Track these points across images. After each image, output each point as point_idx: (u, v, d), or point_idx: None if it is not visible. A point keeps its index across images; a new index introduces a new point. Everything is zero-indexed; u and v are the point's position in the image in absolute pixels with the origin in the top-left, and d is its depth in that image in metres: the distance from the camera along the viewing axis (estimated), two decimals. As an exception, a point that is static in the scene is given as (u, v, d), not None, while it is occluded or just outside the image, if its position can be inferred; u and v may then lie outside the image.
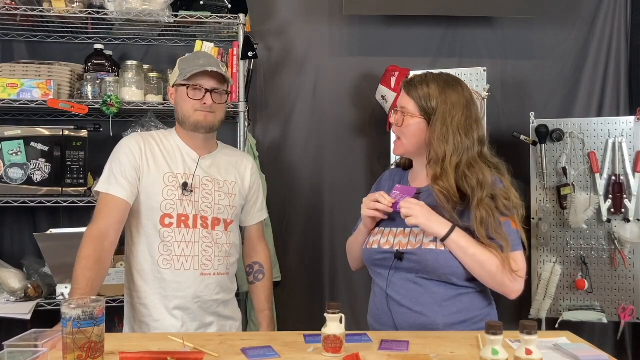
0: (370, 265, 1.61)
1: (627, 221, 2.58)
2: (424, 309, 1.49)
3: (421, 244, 1.49)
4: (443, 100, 1.52)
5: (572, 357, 1.27)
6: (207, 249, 1.74)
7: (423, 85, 1.54)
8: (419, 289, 1.50)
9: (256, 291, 1.96)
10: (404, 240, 1.52)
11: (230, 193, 1.82)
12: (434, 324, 1.48)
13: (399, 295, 1.51)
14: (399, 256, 1.50)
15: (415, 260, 1.49)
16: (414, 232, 1.52)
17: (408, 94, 1.56)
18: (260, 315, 1.95)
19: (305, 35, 2.91)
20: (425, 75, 1.58)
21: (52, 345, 1.20)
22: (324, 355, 1.26)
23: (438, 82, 1.55)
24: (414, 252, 1.49)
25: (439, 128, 1.50)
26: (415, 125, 1.54)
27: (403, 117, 1.55)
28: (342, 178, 2.89)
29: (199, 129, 1.77)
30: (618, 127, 2.61)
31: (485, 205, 1.45)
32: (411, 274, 1.50)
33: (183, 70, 1.74)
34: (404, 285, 1.51)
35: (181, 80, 1.74)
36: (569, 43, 2.97)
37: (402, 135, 1.57)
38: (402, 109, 1.56)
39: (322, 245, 2.89)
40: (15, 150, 2.32)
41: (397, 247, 1.52)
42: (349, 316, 1.33)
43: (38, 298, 2.32)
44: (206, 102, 1.73)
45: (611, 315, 2.61)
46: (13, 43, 2.71)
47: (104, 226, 1.64)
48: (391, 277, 1.53)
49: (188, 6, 2.52)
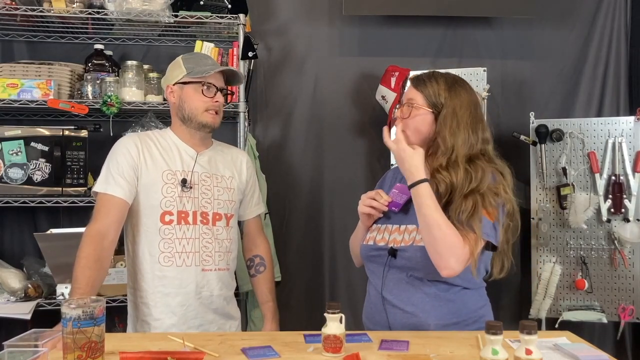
0: (366, 262, 1.62)
1: (627, 221, 2.58)
2: (415, 310, 1.48)
3: (413, 241, 1.49)
4: (452, 95, 1.52)
5: (572, 357, 1.27)
6: (208, 244, 1.75)
7: (432, 81, 1.55)
8: (411, 288, 1.50)
9: (258, 284, 1.97)
10: (398, 237, 1.53)
11: (229, 187, 1.84)
12: (425, 324, 1.47)
13: (392, 295, 1.51)
14: (393, 253, 1.51)
15: (406, 257, 1.49)
16: (409, 230, 1.52)
17: (416, 88, 1.56)
18: (264, 306, 1.95)
19: (305, 35, 2.91)
20: (433, 73, 1.59)
21: (52, 345, 1.20)
22: (324, 355, 1.26)
23: (446, 79, 1.56)
24: (406, 249, 1.49)
25: (449, 121, 1.50)
26: (422, 116, 1.53)
27: (410, 109, 1.55)
28: (342, 178, 2.89)
29: (204, 129, 1.80)
30: (618, 127, 2.61)
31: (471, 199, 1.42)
32: (403, 273, 1.50)
33: (192, 69, 1.76)
34: (397, 285, 1.51)
35: (192, 78, 1.76)
36: (569, 43, 2.97)
37: (407, 127, 1.55)
38: (410, 101, 1.55)
39: (322, 245, 2.89)
40: (15, 150, 2.32)
41: (391, 244, 1.53)
42: (349, 316, 1.33)
43: (38, 298, 2.32)
44: (218, 100, 1.78)
45: (611, 315, 2.61)
46: (13, 43, 2.71)
47: (103, 226, 1.64)
48: (386, 276, 1.53)
49: (188, 6, 2.52)
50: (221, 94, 1.80)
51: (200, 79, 1.76)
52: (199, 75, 1.75)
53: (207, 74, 1.75)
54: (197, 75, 1.75)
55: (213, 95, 1.77)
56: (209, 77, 1.77)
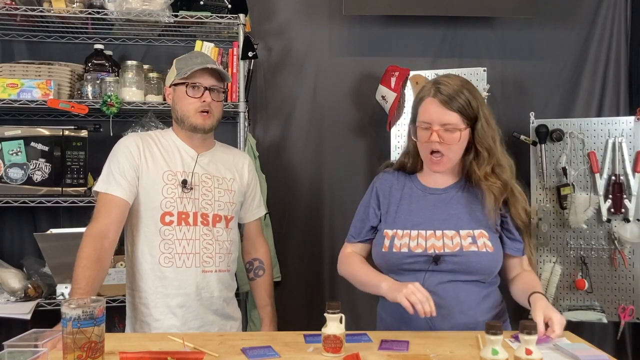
0: (396, 269, 1.54)
1: (627, 221, 2.58)
2: (464, 308, 1.49)
3: (460, 246, 1.49)
4: (476, 97, 1.52)
5: (572, 357, 1.27)
6: (208, 246, 1.75)
7: (458, 93, 1.48)
8: (456, 289, 1.49)
9: (257, 287, 1.96)
10: (437, 243, 1.50)
11: (230, 189, 1.83)
12: (475, 322, 1.48)
13: (437, 297, 1.44)
14: (436, 259, 1.48)
15: (456, 262, 1.48)
16: (447, 235, 1.51)
17: (448, 107, 1.47)
18: (262, 310, 1.95)
19: (305, 35, 2.91)
20: (448, 82, 1.51)
21: (52, 345, 1.20)
22: (324, 355, 1.26)
23: (462, 82, 1.52)
24: (455, 254, 1.48)
25: (486, 128, 1.51)
26: (465, 137, 1.51)
27: (452, 134, 1.48)
28: (342, 178, 2.89)
29: (197, 131, 1.78)
30: (618, 127, 2.61)
31: (516, 190, 1.55)
32: (447, 275, 1.49)
33: (180, 70, 1.75)
34: (441, 286, 1.49)
35: (179, 79, 1.74)
36: (569, 43, 2.97)
37: (450, 150, 1.51)
38: (447, 125, 1.48)
39: (322, 245, 2.89)
40: (15, 150, 2.32)
41: (431, 251, 1.49)
42: (349, 316, 1.33)
43: (38, 298, 2.33)
44: (205, 100, 1.74)
45: (611, 315, 2.61)
46: (13, 43, 2.71)
47: (103, 225, 1.64)
48: (426, 279, 1.49)
49: (188, 6, 2.52)
50: (210, 93, 1.75)
51: (184, 80, 1.74)
52: (183, 76, 1.73)
53: (186, 74, 1.72)
54: (182, 75, 1.73)
55: (200, 95, 1.74)
56: (195, 76, 1.73)
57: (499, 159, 1.54)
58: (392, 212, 1.60)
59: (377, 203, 1.65)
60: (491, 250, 1.50)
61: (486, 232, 1.51)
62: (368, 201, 1.68)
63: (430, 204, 1.58)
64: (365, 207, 1.68)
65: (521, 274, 1.59)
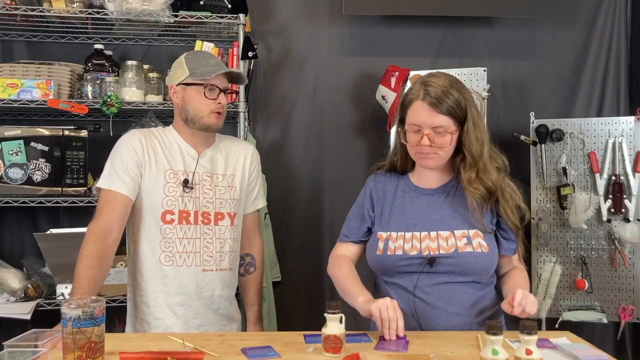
0: (391, 272, 1.53)
1: (627, 221, 2.58)
2: (459, 310, 1.48)
3: (456, 247, 1.48)
4: (465, 96, 1.49)
5: (572, 357, 1.27)
6: (209, 244, 1.74)
7: (447, 94, 1.46)
8: (451, 290, 1.48)
9: (246, 284, 1.93)
10: (432, 245, 1.49)
11: (231, 186, 1.83)
12: (469, 323, 1.48)
13: (431, 298, 1.46)
14: (431, 261, 1.47)
15: (451, 263, 1.47)
16: (442, 236, 1.50)
17: (437, 110, 1.45)
18: (249, 310, 1.92)
19: (305, 35, 2.91)
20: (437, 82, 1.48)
21: (52, 345, 1.20)
22: (324, 355, 1.26)
23: (450, 81, 1.50)
24: (450, 256, 1.47)
25: (472, 129, 1.48)
26: (455, 137, 1.50)
27: (443, 138, 1.47)
28: (342, 178, 2.89)
29: (209, 130, 1.78)
30: (618, 127, 2.61)
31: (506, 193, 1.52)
32: (442, 276, 1.48)
33: (195, 70, 1.73)
34: (436, 287, 1.48)
35: (195, 80, 1.73)
36: (569, 43, 2.97)
37: (441, 150, 1.49)
38: (438, 128, 1.46)
39: (322, 245, 2.89)
40: (15, 150, 2.32)
41: (426, 252, 1.48)
42: (349, 316, 1.33)
43: (38, 298, 2.33)
44: (220, 102, 1.76)
45: (611, 315, 2.61)
46: (13, 43, 2.71)
47: (106, 223, 1.63)
48: (420, 280, 1.49)
49: (188, 6, 2.52)
50: (224, 95, 1.78)
51: (203, 82, 1.73)
52: (202, 78, 1.72)
53: (209, 76, 1.71)
54: (200, 77, 1.72)
55: (216, 97, 1.75)
56: (212, 78, 1.73)
57: (485, 164, 1.50)
58: (385, 214, 1.59)
59: (372, 205, 1.63)
60: (486, 250, 1.49)
61: (481, 231, 1.50)
62: (362, 203, 1.66)
63: (424, 204, 1.57)
64: (360, 208, 1.66)
65: (511, 272, 1.58)
